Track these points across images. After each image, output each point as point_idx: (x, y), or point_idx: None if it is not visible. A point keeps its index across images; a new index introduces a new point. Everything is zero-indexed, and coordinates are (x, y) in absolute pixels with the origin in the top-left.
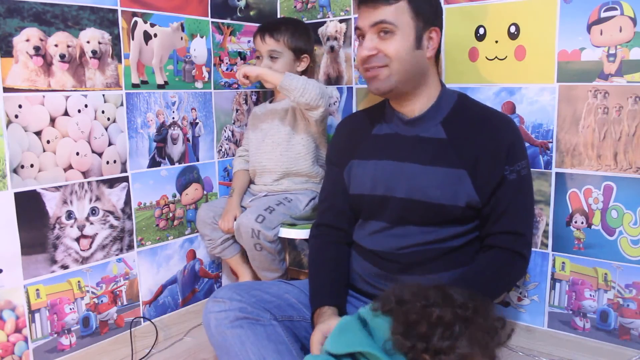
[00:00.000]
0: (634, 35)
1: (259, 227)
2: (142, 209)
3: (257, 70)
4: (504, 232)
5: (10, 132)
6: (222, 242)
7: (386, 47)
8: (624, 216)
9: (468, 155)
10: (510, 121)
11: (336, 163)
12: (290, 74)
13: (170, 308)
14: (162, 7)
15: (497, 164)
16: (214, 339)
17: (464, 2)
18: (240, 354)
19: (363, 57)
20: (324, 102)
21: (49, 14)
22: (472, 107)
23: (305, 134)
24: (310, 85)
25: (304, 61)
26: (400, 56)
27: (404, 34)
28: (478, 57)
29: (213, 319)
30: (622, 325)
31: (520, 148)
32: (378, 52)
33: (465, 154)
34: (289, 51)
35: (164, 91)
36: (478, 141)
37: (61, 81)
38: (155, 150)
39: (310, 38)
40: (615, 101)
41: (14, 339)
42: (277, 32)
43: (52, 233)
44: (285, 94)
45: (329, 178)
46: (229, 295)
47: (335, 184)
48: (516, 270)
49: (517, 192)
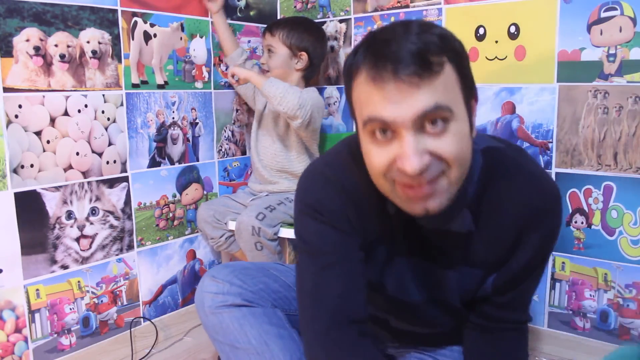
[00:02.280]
0: (634, 35)
1: (259, 225)
2: (142, 209)
3: (244, 73)
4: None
5: (10, 132)
6: (226, 239)
7: (442, 147)
8: (624, 216)
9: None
10: (556, 203)
11: (349, 232)
12: (274, 80)
13: (170, 308)
14: (162, 7)
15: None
16: (207, 319)
17: (464, 2)
18: (240, 338)
19: (413, 171)
20: (302, 114)
21: (49, 14)
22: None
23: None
24: (290, 95)
25: (302, 58)
26: (463, 155)
27: (459, 118)
28: (478, 57)
29: (208, 299)
30: (622, 325)
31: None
32: (430, 156)
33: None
34: (284, 47)
35: (164, 91)
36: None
37: (61, 81)
38: (155, 150)
39: (313, 37)
40: (615, 101)
41: (14, 339)
42: (275, 28)
43: (52, 233)
44: (266, 100)
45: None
46: (229, 278)
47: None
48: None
49: (534, 276)
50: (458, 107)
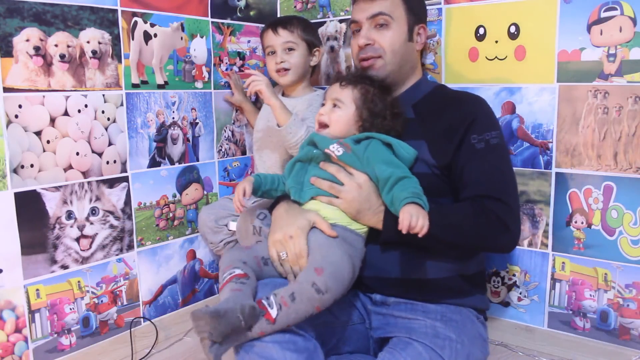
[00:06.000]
0: (634, 35)
1: (260, 224)
2: (142, 209)
3: (271, 100)
4: (479, 196)
5: (10, 132)
6: (224, 244)
7: (381, 39)
8: (624, 216)
9: (430, 127)
10: (476, 98)
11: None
12: (298, 122)
13: (170, 308)
14: (162, 7)
15: (458, 132)
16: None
17: (464, 2)
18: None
19: (360, 46)
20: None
21: (49, 14)
22: (445, 93)
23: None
24: (297, 137)
25: (316, 55)
26: (394, 48)
27: (398, 26)
28: (478, 57)
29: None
30: (622, 325)
31: (487, 119)
32: (374, 42)
33: (428, 127)
34: (304, 43)
35: (164, 91)
36: (442, 116)
37: (61, 81)
38: (155, 150)
39: (318, 34)
40: (615, 101)
41: (14, 339)
42: (289, 24)
43: (52, 233)
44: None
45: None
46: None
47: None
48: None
49: (487, 159)
50: (398, 20)
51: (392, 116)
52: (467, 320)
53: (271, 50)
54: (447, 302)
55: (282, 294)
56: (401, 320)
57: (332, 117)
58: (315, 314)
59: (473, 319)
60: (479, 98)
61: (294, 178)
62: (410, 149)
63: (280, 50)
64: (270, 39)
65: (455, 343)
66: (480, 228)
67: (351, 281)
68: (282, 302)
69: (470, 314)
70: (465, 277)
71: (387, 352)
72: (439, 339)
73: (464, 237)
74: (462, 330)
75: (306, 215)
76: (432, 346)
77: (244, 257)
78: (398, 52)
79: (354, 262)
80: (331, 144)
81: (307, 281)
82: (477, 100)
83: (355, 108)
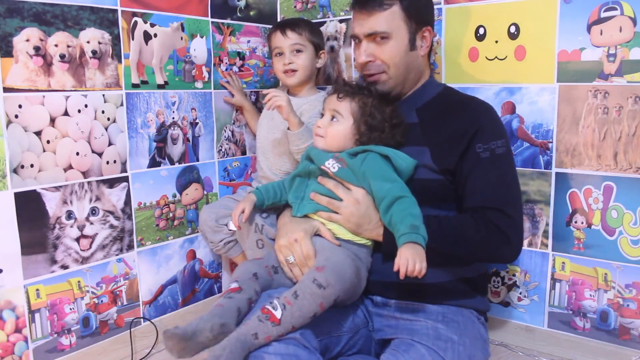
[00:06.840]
0: (634, 35)
1: (262, 222)
2: (142, 209)
3: (290, 116)
4: (481, 207)
5: (10, 132)
6: (225, 244)
7: (382, 54)
8: (624, 216)
9: (433, 133)
10: (482, 104)
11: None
12: (310, 130)
13: (170, 308)
14: (162, 7)
15: (463, 139)
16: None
17: (464, 2)
18: None
19: (361, 64)
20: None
21: (49, 14)
22: (451, 97)
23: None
24: (303, 148)
25: (322, 57)
26: (396, 61)
27: (398, 38)
28: (478, 57)
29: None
30: (622, 325)
31: (493, 128)
32: (375, 59)
33: (431, 132)
34: (311, 45)
35: (164, 91)
36: (447, 121)
37: (61, 81)
38: (155, 150)
39: (323, 37)
40: (615, 101)
41: (14, 339)
42: (297, 26)
43: (52, 233)
44: (288, 136)
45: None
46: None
47: None
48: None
49: (491, 169)
50: (398, 32)
51: (391, 127)
52: (468, 321)
53: (279, 51)
54: (448, 304)
55: (285, 294)
56: (403, 322)
57: (329, 131)
58: (320, 313)
59: (474, 320)
60: (485, 104)
61: (294, 193)
62: (409, 159)
63: (288, 51)
64: (278, 40)
65: (457, 345)
66: (481, 240)
67: (355, 283)
68: (286, 301)
69: (471, 315)
70: (466, 280)
71: (389, 354)
72: (441, 340)
73: (465, 249)
74: (463, 331)
75: (310, 221)
76: (435, 348)
77: (254, 269)
78: (401, 64)
79: (358, 265)
80: (327, 159)
81: (308, 279)
82: (483, 107)
83: (352, 121)
